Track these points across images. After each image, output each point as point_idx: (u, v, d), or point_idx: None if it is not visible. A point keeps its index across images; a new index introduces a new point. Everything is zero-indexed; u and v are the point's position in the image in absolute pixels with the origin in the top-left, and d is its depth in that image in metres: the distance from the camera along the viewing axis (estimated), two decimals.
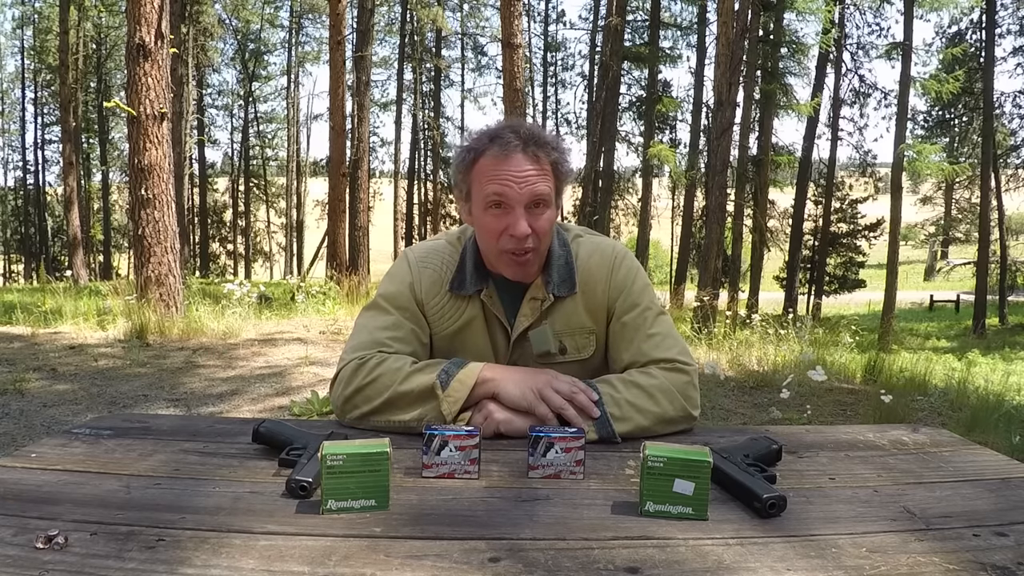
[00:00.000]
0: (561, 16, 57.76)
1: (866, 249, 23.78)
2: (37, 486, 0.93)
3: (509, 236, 1.23)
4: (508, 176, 1.22)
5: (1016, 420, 4.06)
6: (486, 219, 1.26)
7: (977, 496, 0.96)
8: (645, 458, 0.89)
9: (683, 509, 0.88)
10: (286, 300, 9.16)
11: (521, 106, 8.79)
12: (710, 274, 10.27)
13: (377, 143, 30.84)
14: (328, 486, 0.87)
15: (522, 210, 1.23)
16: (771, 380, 4.87)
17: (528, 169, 1.23)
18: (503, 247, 1.26)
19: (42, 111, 31.49)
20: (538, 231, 1.25)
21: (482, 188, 1.25)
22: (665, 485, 0.88)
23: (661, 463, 0.88)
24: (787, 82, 16.43)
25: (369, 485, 0.88)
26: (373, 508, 0.88)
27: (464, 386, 1.19)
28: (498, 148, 1.23)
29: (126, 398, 4.06)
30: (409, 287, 1.35)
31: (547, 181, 1.25)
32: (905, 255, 28.25)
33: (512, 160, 1.23)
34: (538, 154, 1.24)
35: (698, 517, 0.88)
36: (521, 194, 1.22)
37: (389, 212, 30.56)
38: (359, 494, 0.88)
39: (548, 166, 1.26)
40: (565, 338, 1.35)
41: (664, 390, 1.22)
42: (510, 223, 1.23)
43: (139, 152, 6.50)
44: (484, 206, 1.25)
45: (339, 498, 0.87)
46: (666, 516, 0.88)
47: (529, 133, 1.26)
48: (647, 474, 0.89)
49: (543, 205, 1.25)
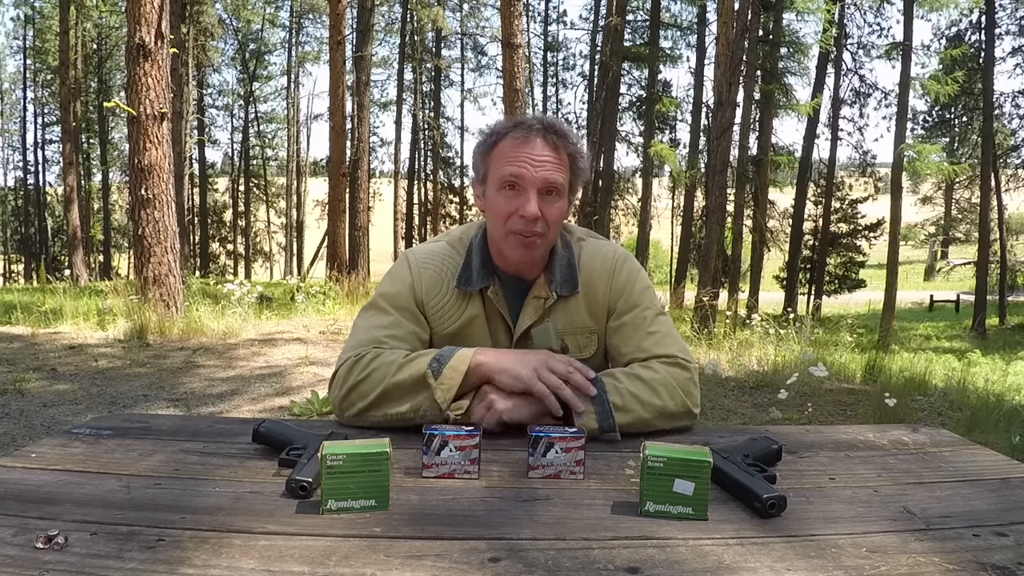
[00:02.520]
0: (561, 16, 57.89)
1: (866, 249, 23.79)
2: (37, 486, 0.93)
3: (519, 217, 1.25)
4: (525, 158, 1.25)
5: (1016, 420, 4.06)
6: (499, 199, 1.28)
7: (977, 496, 0.96)
8: (645, 458, 0.89)
9: (683, 509, 0.88)
10: (286, 300, 9.16)
11: (521, 106, 8.78)
12: (710, 274, 10.27)
13: (377, 143, 30.90)
14: (328, 486, 0.87)
15: (535, 193, 1.25)
16: (771, 380, 4.87)
17: (546, 155, 1.26)
18: (511, 228, 1.27)
19: (42, 111, 31.56)
20: (548, 218, 1.26)
21: (499, 169, 1.28)
22: (665, 485, 0.88)
23: (661, 463, 0.88)
24: (787, 82, 16.48)
25: (369, 485, 0.88)
26: (373, 508, 0.88)
27: (457, 372, 1.18)
28: (519, 132, 1.27)
29: (126, 398, 4.06)
30: (409, 287, 1.35)
31: (562, 172, 1.28)
32: (905, 255, 28.27)
33: (531, 144, 1.26)
34: (557, 144, 1.27)
35: (698, 517, 0.88)
36: (536, 177, 1.25)
37: (389, 212, 30.56)
38: (359, 494, 0.88)
39: (565, 157, 1.29)
40: (567, 337, 1.37)
41: (666, 384, 1.23)
42: (521, 204, 1.25)
43: (139, 152, 6.50)
44: (499, 186, 1.28)
45: (339, 498, 0.88)
46: (666, 516, 0.88)
47: (551, 123, 1.29)
48: (647, 474, 0.89)
49: (556, 194, 1.28)
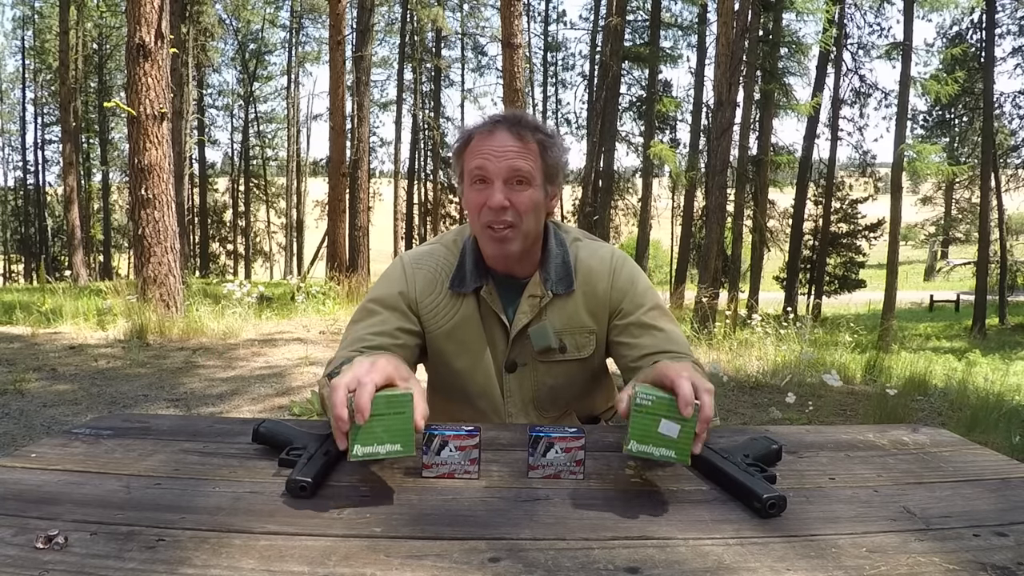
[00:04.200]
0: (561, 16, 57.83)
1: (866, 249, 23.79)
2: (37, 486, 0.93)
3: (488, 208, 1.26)
4: (489, 150, 1.27)
5: (1016, 420, 4.06)
6: (471, 195, 1.30)
7: (977, 496, 0.96)
8: (635, 395, 0.90)
9: (666, 452, 0.89)
10: (286, 300, 9.16)
11: (521, 106, 8.79)
12: (710, 274, 10.27)
13: (377, 143, 30.89)
14: (355, 432, 0.88)
15: (500, 184, 1.26)
16: (771, 380, 4.87)
17: (509, 145, 1.27)
18: (484, 220, 1.28)
19: (42, 111, 31.54)
20: (518, 206, 1.27)
21: (469, 164, 1.30)
22: (651, 425, 0.89)
23: (650, 401, 0.89)
24: (787, 82, 16.46)
25: (395, 429, 0.89)
26: (399, 453, 0.89)
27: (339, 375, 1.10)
28: (485, 127, 1.30)
29: (126, 398, 4.07)
30: (401, 288, 1.36)
31: (528, 160, 1.28)
32: (905, 255, 28.28)
33: (495, 137, 1.28)
34: (522, 133, 1.29)
35: (680, 460, 0.89)
36: (500, 167, 1.26)
37: (389, 212, 30.55)
38: (385, 439, 0.88)
39: (534, 146, 1.30)
40: (565, 336, 1.37)
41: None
42: (488, 195, 1.26)
43: (139, 152, 6.51)
44: (470, 182, 1.30)
45: (366, 443, 0.88)
46: (648, 457, 0.89)
47: (516, 115, 1.32)
48: (635, 411, 0.90)
49: (524, 183, 1.28)
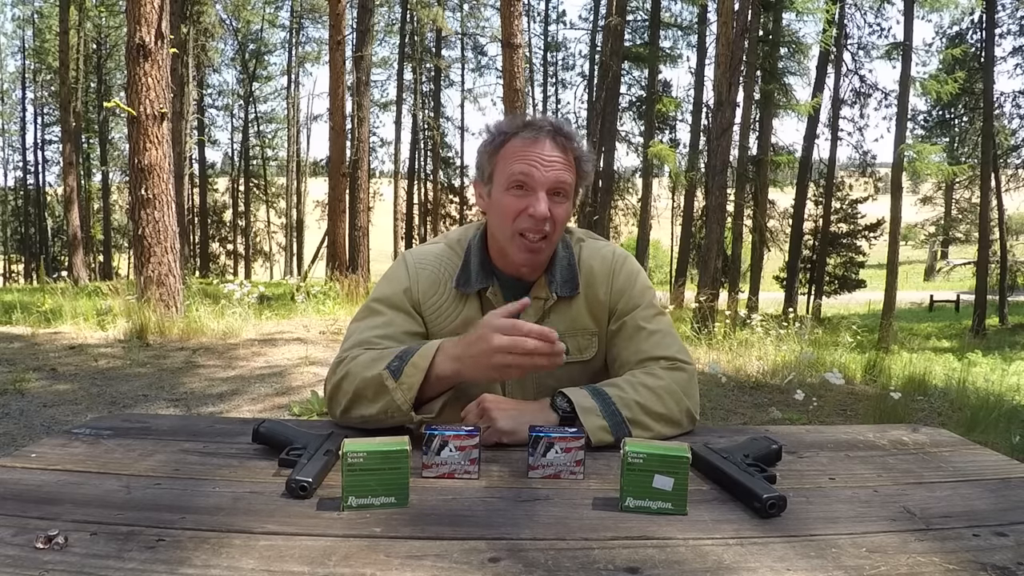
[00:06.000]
0: (561, 16, 57.76)
1: (866, 249, 23.76)
2: (37, 486, 0.93)
3: (528, 216, 1.24)
4: (536, 158, 1.25)
5: (1016, 420, 4.06)
6: (506, 199, 1.27)
7: (977, 496, 0.96)
8: (625, 454, 0.90)
9: (663, 504, 0.89)
10: (286, 300, 9.16)
11: (521, 106, 8.78)
12: (710, 274, 10.26)
13: (377, 143, 30.85)
14: (349, 483, 0.88)
15: (544, 193, 1.25)
16: (771, 380, 4.87)
17: (555, 156, 1.26)
18: (519, 227, 1.26)
19: (42, 111, 31.54)
20: (556, 219, 1.26)
21: (507, 168, 1.27)
22: (645, 480, 0.89)
23: (640, 459, 0.90)
24: (787, 82, 16.49)
25: (389, 482, 0.89)
26: (393, 505, 0.89)
27: (418, 370, 1.13)
28: (530, 132, 1.27)
29: (126, 398, 4.06)
30: (405, 287, 1.35)
31: (570, 172, 1.29)
32: (905, 255, 28.24)
33: (541, 144, 1.26)
34: (566, 145, 1.28)
35: (677, 512, 0.89)
36: (546, 177, 1.25)
37: (389, 212, 30.54)
38: (379, 491, 0.88)
39: (572, 160, 1.29)
40: (567, 339, 1.35)
41: (670, 391, 1.23)
42: (531, 203, 1.24)
43: (139, 152, 6.50)
44: (507, 186, 1.27)
45: (360, 495, 0.88)
46: (646, 511, 0.89)
47: (560, 124, 1.30)
48: (627, 470, 0.90)
49: (563, 195, 1.28)
